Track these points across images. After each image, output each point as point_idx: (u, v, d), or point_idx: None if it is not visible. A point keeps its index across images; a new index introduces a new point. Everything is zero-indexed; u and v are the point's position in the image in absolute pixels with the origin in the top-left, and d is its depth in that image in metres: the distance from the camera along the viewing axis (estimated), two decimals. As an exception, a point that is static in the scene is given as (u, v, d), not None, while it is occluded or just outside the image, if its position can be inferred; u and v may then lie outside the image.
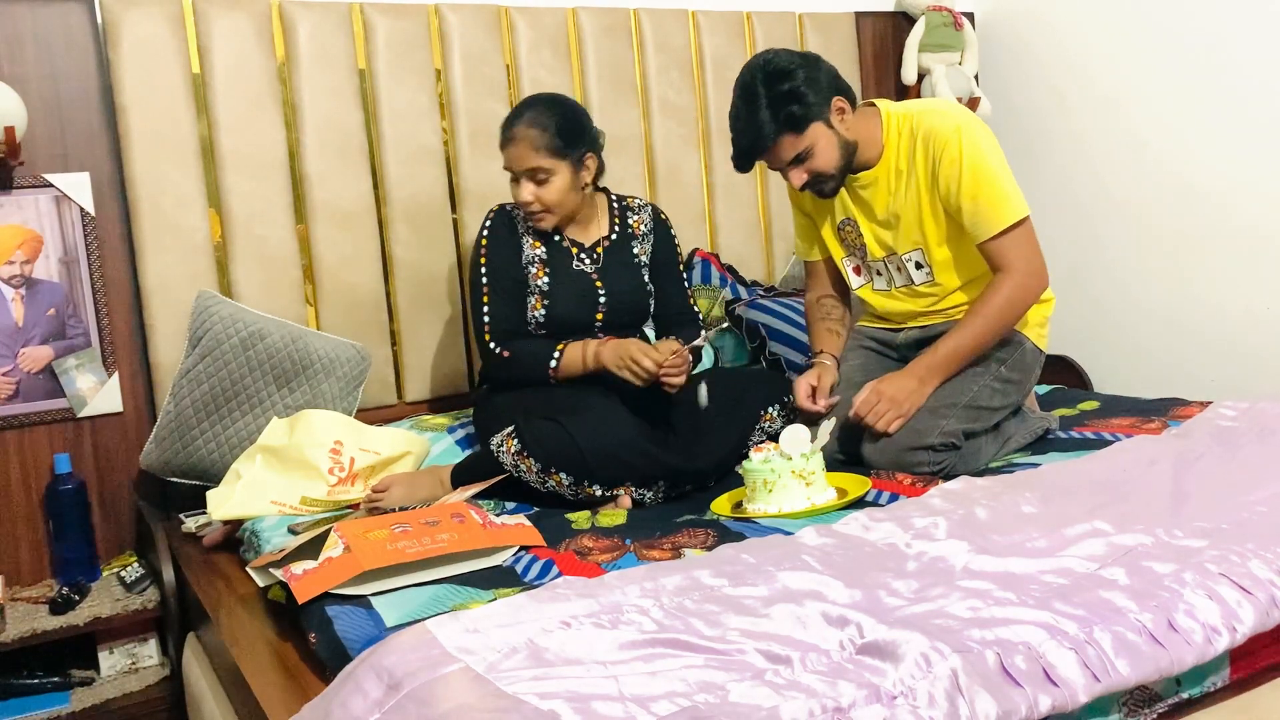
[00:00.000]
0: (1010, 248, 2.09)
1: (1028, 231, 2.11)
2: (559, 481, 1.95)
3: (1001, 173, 2.10)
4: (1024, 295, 2.12)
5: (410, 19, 2.64)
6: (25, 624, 2.07)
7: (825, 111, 2.09)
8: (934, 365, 2.11)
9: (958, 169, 2.08)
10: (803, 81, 2.05)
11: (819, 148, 2.10)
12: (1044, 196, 3.37)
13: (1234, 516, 1.51)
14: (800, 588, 1.36)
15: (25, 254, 2.28)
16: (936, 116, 2.14)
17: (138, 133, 2.34)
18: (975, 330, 2.11)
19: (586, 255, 2.25)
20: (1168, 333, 3.12)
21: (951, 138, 2.08)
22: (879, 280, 2.32)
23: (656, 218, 2.37)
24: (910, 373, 2.11)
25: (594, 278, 2.24)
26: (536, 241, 2.22)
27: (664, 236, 2.36)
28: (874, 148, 2.18)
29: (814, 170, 2.13)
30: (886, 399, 2.07)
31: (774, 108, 2.04)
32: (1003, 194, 2.09)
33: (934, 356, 2.12)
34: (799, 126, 2.06)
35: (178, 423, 2.27)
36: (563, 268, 2.22)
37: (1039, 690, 1.09)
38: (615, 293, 2.24)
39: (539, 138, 2.12)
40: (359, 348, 2.47)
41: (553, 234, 2.23)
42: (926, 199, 2.15)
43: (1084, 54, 3.25)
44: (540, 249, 2.21)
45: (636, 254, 2.31)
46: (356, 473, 2.13)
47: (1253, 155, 2.88)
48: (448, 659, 1.19)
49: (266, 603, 1.74)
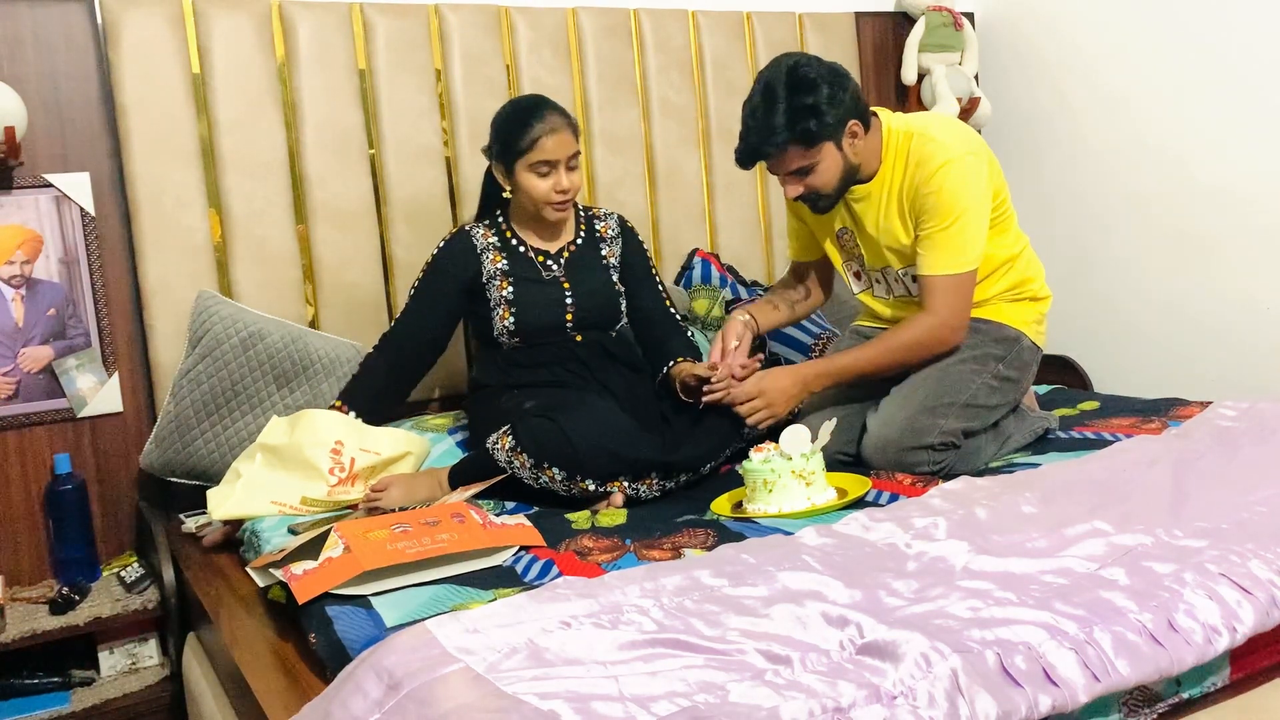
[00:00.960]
0: (942, 292, 2.10)
1: (966, 283, 2.11)
2: (551, 477, 1.95)
3: (971, 220, 2.08)
4: (934, 341, 2.13)
5: (410, 19, 2.64)
6: (25, 624, 2.07)
7: (839, 133, 2.07)
8: (824, 373, 2.14)
9: (931, 201, 2.08)
10: (826, 99, 2.01)
11: (822, 166, 2.08)
12: (1044, 196, 3.37)
13: (1234, 516, 1.51)
14: (800, 588, 1.36)
15: (25, 254, 2.28)
16: (931, 144, 2.11)
17: (138, 133, 2.34)
18: (876, 356, 2.14)
19: (553, 261, 2.27)
20: (1168, 333, 3.12)
21: (936, 171, 2.07)
22: (878, 288, 2.32)
23: (623, 224, 2.40)
24: (797, 375, 2.13)
25: (561, 280, 2.25)
26: (498, 256, 2.24)
27: (632, 241, 2.39)
28: (873, 163, 2.17)
29: (812, 187, 2.11)
30: (763, 397, 2.08)
31: (791, 116, 2.01)
32: (960, 241, 2.08)
33: (829, 365, 2.15)
34: (810, 142, 2.04)
35: (178, 423, 2.27)
36: (527, 276, 2.24)
37: (1039, 690, 1.10)
38: (583, 294, 2.26)
39: (572, 125, 2.18)
40: (359, 348, 2.47)
41: (516, 245, 2.26)
42: (912, 221, 2.15)
43: (1084, 54, 3.24)
44: (502, 262, 2.24)
45: (604, 255, 2.33)
46: (357, 473, 2.13)
47: (1253, 154, 2.88)
48: (448, 659, 1.19)
49: (266, 603, 1.74)
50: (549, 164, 2.16)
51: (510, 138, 2.17)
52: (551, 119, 2.15)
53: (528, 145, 2.15)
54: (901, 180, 2.14)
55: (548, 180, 2.17)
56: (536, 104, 2.19)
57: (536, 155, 2.15)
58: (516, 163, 2.17)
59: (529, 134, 2.14)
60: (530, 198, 2.19)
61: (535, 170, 2.16)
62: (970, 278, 2.11)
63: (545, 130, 2.14)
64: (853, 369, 2.15)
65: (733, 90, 3.06)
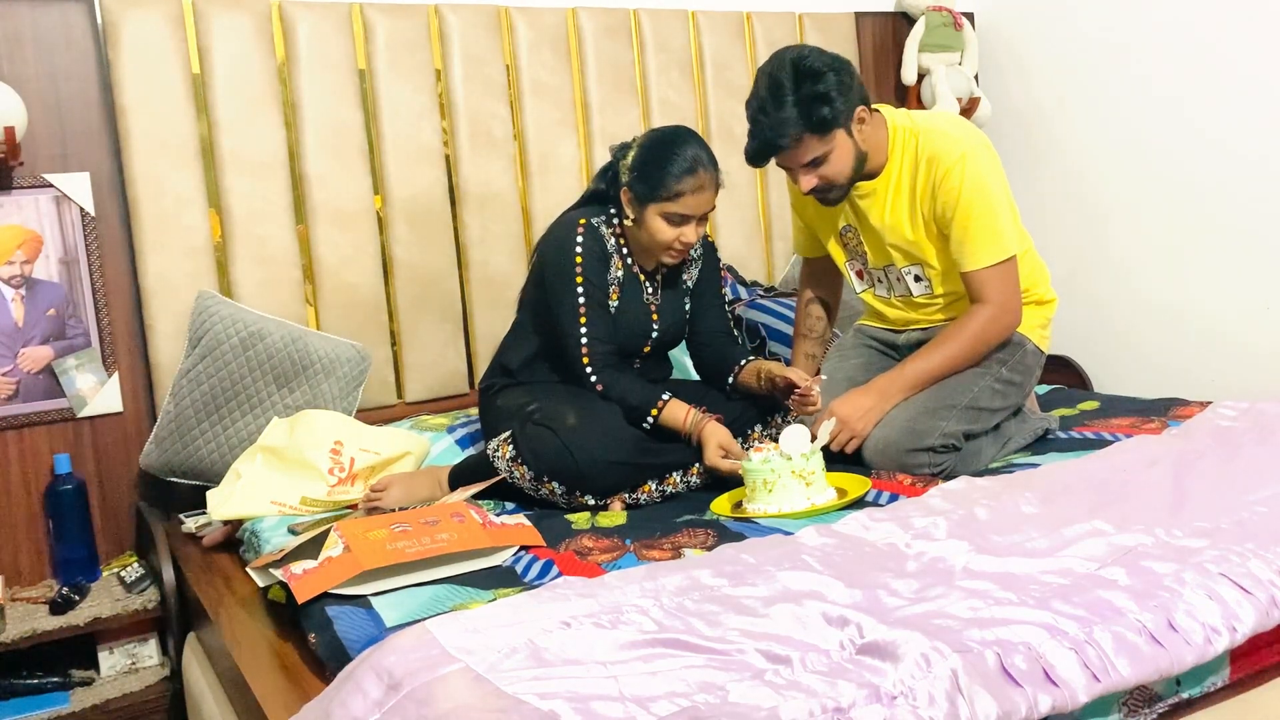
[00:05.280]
0: (991, 282, 2.10)
1: (1011, 269, 2.11)
2: (551, 491, 1.95)
3: (999, 206, 2.09)
4: (997, 329, 2.13)
5: (410, 19, 2.64)
6: (25, 624, 2.07)
7: (850, 119, 2.06)
8: (897, 383, 2.11)
9: (955, 197, 2.07)
10: (835, 86, 2.00)
11: (836, 154, 2.07)
12: (1044, 197, 3.37)
13: (1234, 516, 1.51)
14: (800, 588, 1.36)
15: (25, 254, 2.28)
16: (942, 139, 2.11)
17: (138, 133, 2.34)
18: (946, 354, 2.12)
19: (649, 281, 2.19)
20: (1168, 333, 3.12)
21: (955, 165, 2.07)
22: (880, 287, 2.32)
23: (707, 244, 2.31)
24: (870, 390, 2.12)
25: (651, 308, 2.19)
26: (619, 263, 2.14)
27: (711, 259, 2.30)
28: (879, 157, 2.16)
29: (825, 177, 2.10)
30: (839, 421, 2.07)
31: (802, 107, 2.00)
32: (995, 230, 2.08)
33: (899, 375, 2.13)
34: (825, 130, 2.02)
35: (178, 423, 2.27)
36: (632, 294, 2.16)
37: (1039, 690, 1.09)
38: (667, 323, 2.21)
39: (718, 183, 2.07)
40: (359, 348, 2.47)
41: (626, 255, 2.15)
42: (924, 219, 2.14)
43: (1084, 54, 3.25)
44: (620, 272, 2.14)
45: (685, 279, 2.25)
46: (356, 473, 2.13)
47: (1253, 155, 2.88)
48: (448, 659, 1.19)
49: (266, 603, 1.74)
50: (684, 218, 2.05)
51: (655, 178, 2.02)
52: (701, 176, 2.02)
53: (669, 195, 2.02)
54: (913, 177, 2.13)
55: (675, 230, 2.06)
56: (694, 156, 2.03)
57: (675, 207, 2.03)
58: (651, 203, 2.04)
59: (676, 185, 2.01)
60: (652, 239, 2.07)
61: (668, 218, 2.04)
62: (1013, 263, 2.11)
63: (693, 187, 2.01)
64: (924, 372, 2.12)
65: (733, 90, 3.07)
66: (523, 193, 2.81)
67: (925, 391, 2.11)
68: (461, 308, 2.73)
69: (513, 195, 2.79)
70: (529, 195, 2.80)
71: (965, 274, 2.12)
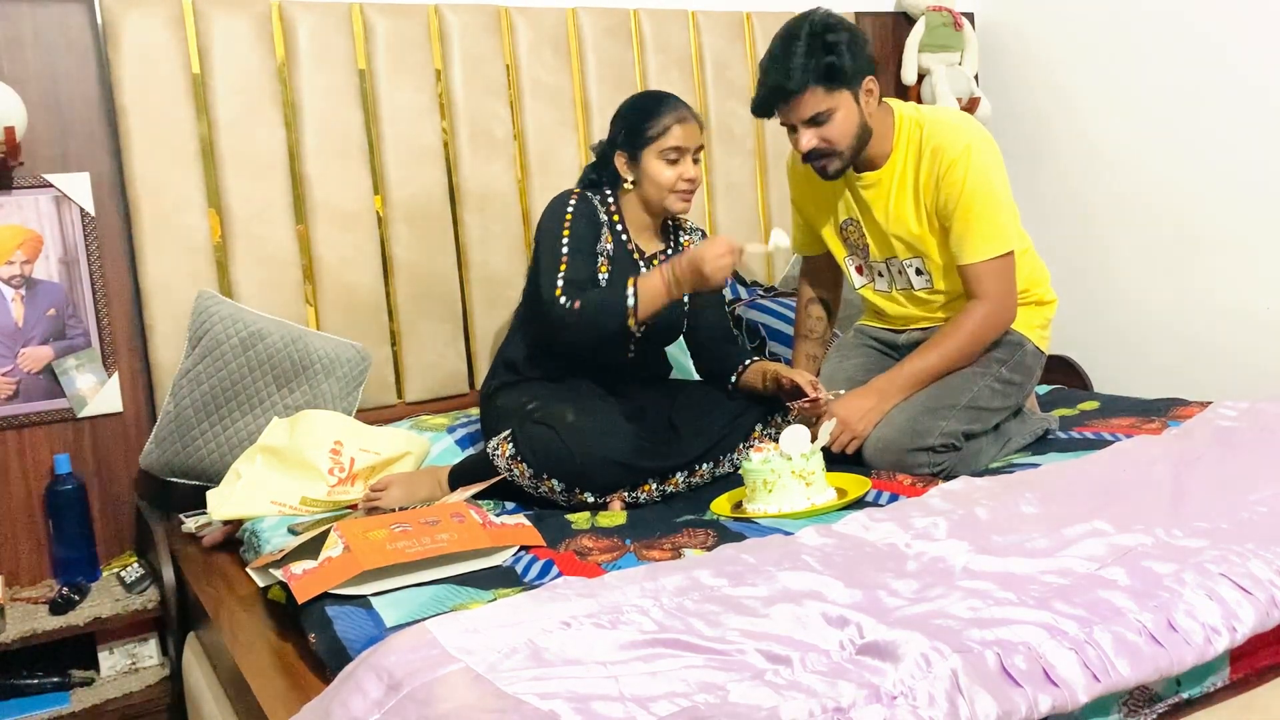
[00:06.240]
0: (988, 276, 2.10)
1: (1009, 264, 2.11)
2: (551, 488, 1.95)
3: (1001, 201, 2.10)
4: (993, 326, 2.13)
5: (410, 19, 2.64)
6: (25, 624, 2.07)
7: (858, 84, 2.07)
8: (896, 383, 2.11)
9: (958, 189, 2.07)
10: (847, 43, 2.03)
11: (840, 115, 2.07)
12: (1044, 197, 3.37)
13: (1234, 516, 1.51)
14: (800, 588, 1.36)
15: (25, 254, 2.28)
16: (948, 130, 2.11)
17: (138, 133, 2.34)
18: (943, 352, 2.12)
19: (645, 265, 2.21)
20: (1168, 333, 3.12)
21: (959, 157, 2.07)
22: (880, 281, 2.31)
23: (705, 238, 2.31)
24: (869, 390, 2.11)
25: None
26: (609, 236, 2.18)
27: None
28: (884, 145, 2.16)
29: (827, 139, 2.09)
30: (839, 422, 2.06)
31: (812, 56, 2.01)
32: (996, 224, 2.08)
33: (898, 374, 2.12)
34: (831, 81, 2.03)
35: (178, 423, 2.27)
36: (623, 270, 2.17)
37: (1039, 690, 1.09)
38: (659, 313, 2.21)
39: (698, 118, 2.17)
40: (359, 348, 2.48)
41: (621, 232, 2.20)
42: (927, 211, 2.14)
43: (1084, 54, 3.25)
44: (610, 244, 2.17)
45: None
46: (356, 473, 2.13)
47: (1253, 155, 2.88)
48: (448, 659, 1.19)
49: (266, 603, 1.74)
50: (678, 150, 2.12)
51: (639, 125, 2.13)
52: (680, 109, 2.14)
53: (658, 132, 2.11)
54: (917, 168, 2.13)
55: (676, 168, 2.13)
56: (664, 95, 2.18)
57: (667, 141, 2.11)
58: (644, 150, 2.12)
59: (660, 121, 2.11)
60: (656, 185, 2.13)
61: (664, 157, 2.12)
62: (1011, 259, 2.11)
63: (675, 119, 2.12)
64: (923, 371, 2.12)
65: (733, 90, 3.07)
66: (523, 193, 2.81)
67: (925, 391, 2.11)
68: (461, 308, 2.73)
69: (513, 195, 2.79)
70: (529, 195, 2.80)
71: (962, 267, 2.12)
